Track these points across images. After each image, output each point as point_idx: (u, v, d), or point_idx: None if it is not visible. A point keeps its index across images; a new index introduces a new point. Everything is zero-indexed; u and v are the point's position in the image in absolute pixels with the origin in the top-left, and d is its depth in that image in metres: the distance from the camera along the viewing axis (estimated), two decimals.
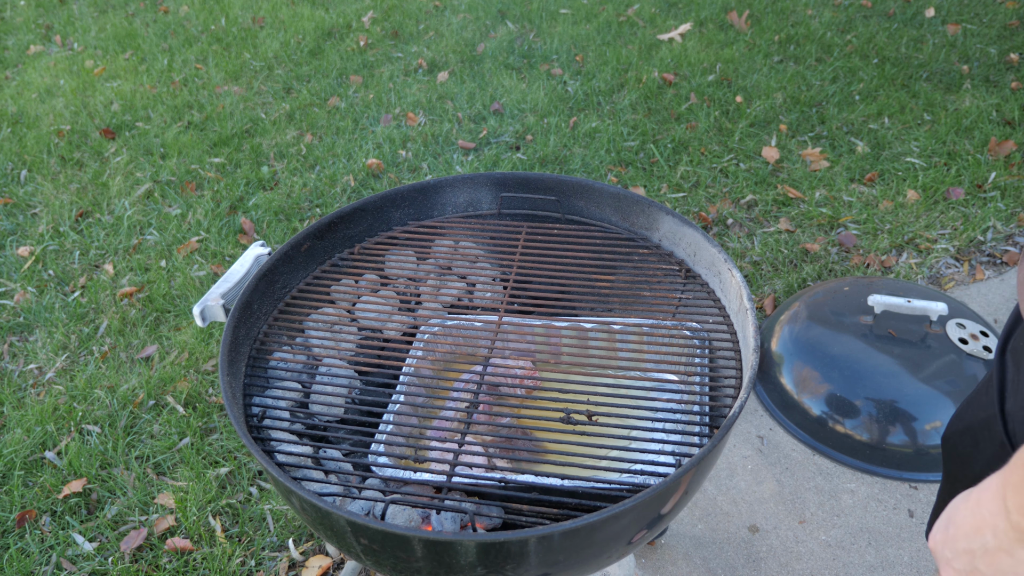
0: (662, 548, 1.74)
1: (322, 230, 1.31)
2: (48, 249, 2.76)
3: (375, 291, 1.31)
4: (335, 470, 1.06)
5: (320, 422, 1.10)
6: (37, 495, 1.90)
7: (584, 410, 1.04)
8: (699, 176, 2.86)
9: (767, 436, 1.96)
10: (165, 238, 2.74)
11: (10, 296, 2.56)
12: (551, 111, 3.32)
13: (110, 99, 3.73)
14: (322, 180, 2.99)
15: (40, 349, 2.34)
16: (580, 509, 0.94)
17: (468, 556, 0.86)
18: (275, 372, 1.18)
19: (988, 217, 2.55)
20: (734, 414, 0.92)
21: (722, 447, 0.95)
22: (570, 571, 0.95)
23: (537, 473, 1.00)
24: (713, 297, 1.21)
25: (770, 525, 1.77)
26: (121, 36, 4.39)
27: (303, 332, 1.25)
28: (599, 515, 0.83)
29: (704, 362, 1.15)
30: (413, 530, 0.85)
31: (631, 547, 0.97)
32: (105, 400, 2.13)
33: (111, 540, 1.79)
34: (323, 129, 3.36)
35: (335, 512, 0.87)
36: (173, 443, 2.00)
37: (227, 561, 1.73)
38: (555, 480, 0.97)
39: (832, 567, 1.69)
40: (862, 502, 1.80)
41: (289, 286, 1.28)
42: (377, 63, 3.89)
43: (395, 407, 1.12)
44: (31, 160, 3.28)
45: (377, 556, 0.94)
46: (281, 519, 1.82)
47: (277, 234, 2.73)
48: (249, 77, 3.85)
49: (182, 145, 3.29)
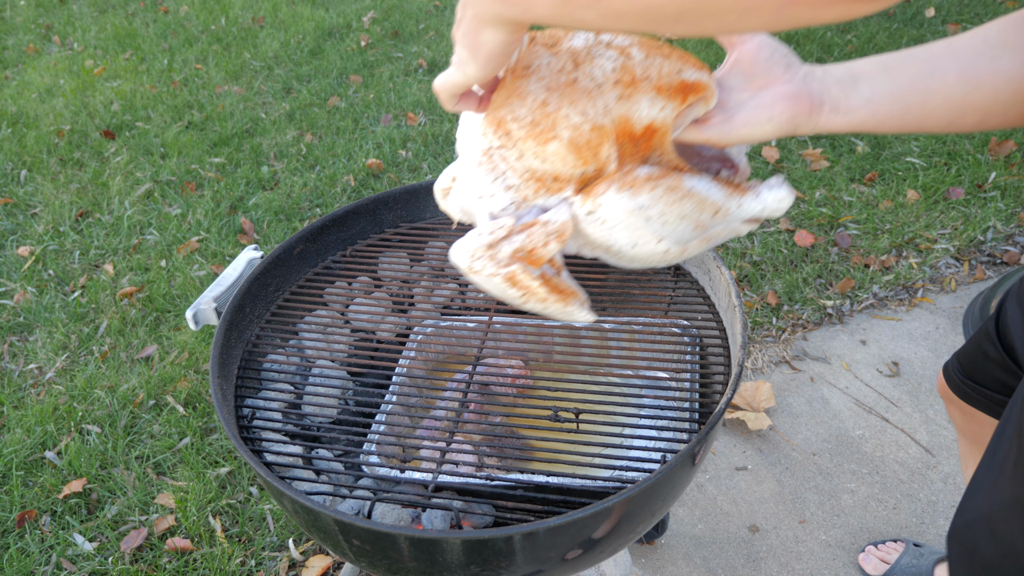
0: (662, 548, 1.74)
1: (314, 233, 1.31)
2: (48, 249, 2.77)
3: (368, 293, 1.31)
4: (326, 470, 1.06)
5: (312, 423, 1.10)
6: (37, 495, 1.91)
7: (573, 408, 1.04)
8: None
9: (767, 435, 1.96)
10: (165, 238, 2.75)
11: (10, 296, 2.57)
12: None
13: (110, 99, 3.74)
14: (322, 180, 3.00)
15: (40, 349, 2.35)
16: (567, 506, 0.94)
17: (456, 554, 0.86)
18: (268, 374, 1.18)
19: (988, 217, 2.54)
20: (720, 409, 0.92)
21: (709, 442, 0.95)
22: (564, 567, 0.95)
23: (524, 471, 1.00)
24: (703, 295, 1.21)
25: (770, 525, 1.77)
26: (121, 36, 4.40)
27: (296, 334, 1.26)
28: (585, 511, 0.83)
29: (695, 359, 1.15)
30: (400, 528, 0.85)
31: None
32: (105, 400, 2.14)
33: (111, 540, 1.80)
34: (323, 129, 3.37)
35: (324, 512, 0.87)
36: (173, 443, 2.01)
37: (227, 561, 1.73)
38: (542, 478, 0.98)
39: (832, 567, 1.69)
40: (862, 502, 1.80)
41: (282, 289, 1.28)
42: (377, 63, 3.89)
43: (387, 407, 1.12)
44: (31, 160, 3.29)
45: (370, 557, 0.94)
46: (281, 519, 1.83)
47: (277, 234, 2.74)
48: (249, 77, 3.86)
49: (182, 145, 3.30)
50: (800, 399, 2.06)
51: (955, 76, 0.74)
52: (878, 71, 0.76)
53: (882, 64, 0.77)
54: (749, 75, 0.78)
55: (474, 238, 0.79)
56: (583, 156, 0.76)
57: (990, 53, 0.73)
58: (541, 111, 0.74)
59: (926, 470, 1.86)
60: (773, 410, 2.04)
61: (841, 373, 2.12)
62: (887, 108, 0.76)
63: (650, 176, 0.76)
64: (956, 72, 0.74)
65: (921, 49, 0.76)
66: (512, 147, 0.77)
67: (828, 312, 2.29)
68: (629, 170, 0.76)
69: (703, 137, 0.79)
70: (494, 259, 0.77)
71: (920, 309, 2.30)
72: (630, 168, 0.76)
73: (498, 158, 0.78)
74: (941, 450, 1.90)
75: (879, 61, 0.77)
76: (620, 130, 0.74)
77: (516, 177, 0.78)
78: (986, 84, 0.73)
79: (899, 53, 0.77)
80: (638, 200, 0.76)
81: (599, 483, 0.96)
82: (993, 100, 0.73)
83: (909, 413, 2.00)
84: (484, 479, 0.99)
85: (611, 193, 0.76)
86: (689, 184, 0.77)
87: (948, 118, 0.76)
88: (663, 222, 0.77)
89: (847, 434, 1.96)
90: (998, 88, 0.73)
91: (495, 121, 0.77)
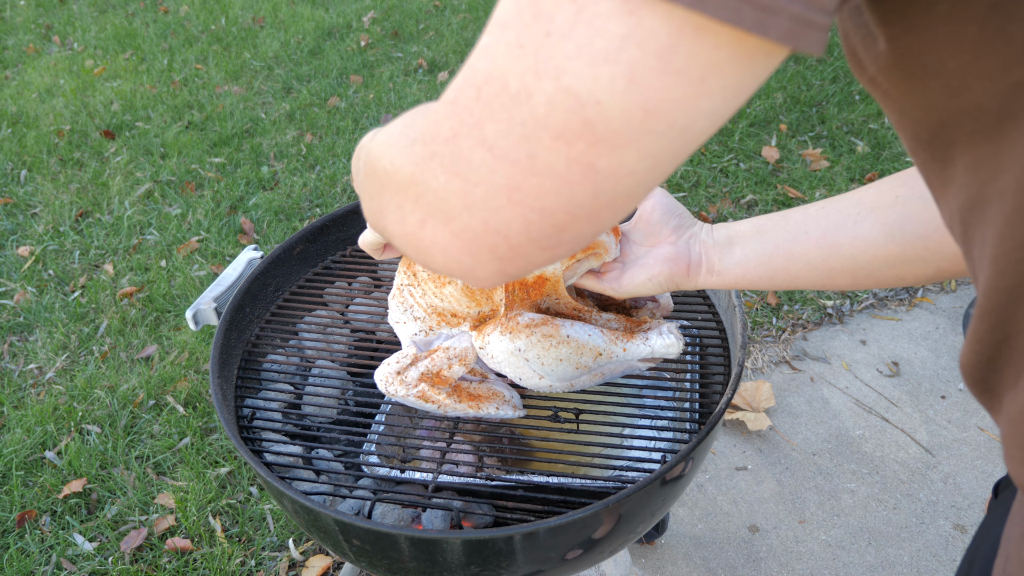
0: (662, 548, 1.74)
1: (314, 233, 1.31)
2: (48, 249, 2.77)
3: (368, 293, 1.31)
4: (326, 470, 1.06)
5: (312, 423, 1.10)
6: (37, 495, 1.91)
7: (573, 408, 1.04)
8: (699, 176, 2.85)
9: (767, 435, 1.96)
10: (165, 238, 2.75)
11: (10, 296, 2.57)
12: None
13: (110, 99, 3.74)
14: (322, 180, 3.00)
15: (40, 349, 2.35)
16: (567, 506, 0.94)
17: (456, 554, 0.86)
18: (268, 374, 1.18)
19: None
20: (720, 409, 0.92)
21: (709, 442, 0.95)
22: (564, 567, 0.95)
23: (524, 471, 1.00)
24: (703, 295, 1.21)
25: (770, 525, 1.77)
26: (121, 36, 4.40)
27: (296, 334, 1.26)
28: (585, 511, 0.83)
29: (695, 359, 1.15)
30: (400, 528, 0.85)
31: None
32: (105, 400, 2.14)
33: (111, 540, 1.80)
34: (323, 129, 3.37)
35: (324, 512, 0.87)
36: (173, 443, 2.01)
37: (227, 561, 1.73)
38: (542, 478, 0.98)
39: (832, 567, 1.69)
40: (862, 502, 1.80)
41: (282, 289, 1.28)
42: (377, 63, 3.89)
43: (387, 407, 1.12)
44: (31, 160, 3.29)
45: (370, 557, 0.94)
46: (281, 519, 1.83)
47: (277, 234, 2.74)
48: (249, 77, 3.86)
49: (182, 145, 3.30)
50: (800, 399, 2.06)
51: (815, 241, 0.76)
52: (752, 234, 0.81)
53: (756, 226, 0.81)
54: (646, 232, 0.87)
55: (384, 367, 0.95)
56: (476, 299, 0.93)
57: (855, 217, 0.74)
58: None
59: (926, 470, 1.86)
60: (773, 410, 2.04)
61: (841, 373, 2.12)
62: (755, 270, 0.80)
63: (530, 323, 0.89)
64: (817, 237, 0.76)
65: (797, 211, 0.79)
66: (417, 286, 0.94)
67: (828, 312, 2.29)
68: (514, 315, 0.90)
69: (599, 288, 0.90)
70: (404, 383, 0.93)
71: (920, 309, 2.30)
72: (515, 313, 0.91)
73: (407, 294, 0.96)
74: (941, 450, 1.90)
75: (755, 223, 0.81)
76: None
77: (421, 311, 0.95)
78: (843, 249, 0.74)
79: (776, 215, 0.80)
80: (516, 344, 0.89)
81: (599, 483, 0.96)
82: (853, 265, 0.74)
83: (909, 413, 2.00)
84: (484, 479, 0.99)
85: (496, 335, 0.90)
86: (567, 331, 0.90)
87: (816, 279, 0.78)
88: (541, 363, 0.90)
89: (847, 434, 1.96)
90: (855, 254, 0.74)
91: (406, 262, 0.96)
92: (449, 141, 0.39)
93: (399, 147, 0.45)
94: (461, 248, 0.41)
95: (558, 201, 0.37)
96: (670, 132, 0.35)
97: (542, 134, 0.35)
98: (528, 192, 0.37)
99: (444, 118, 0.39)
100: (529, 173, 0.37)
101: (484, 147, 0.37)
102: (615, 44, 0.33)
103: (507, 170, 0.37)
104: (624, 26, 0.33)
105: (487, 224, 0.39)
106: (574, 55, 0.34)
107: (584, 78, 0.34)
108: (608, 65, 0.33)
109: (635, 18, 0.32)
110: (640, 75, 0.33)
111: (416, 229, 0.43)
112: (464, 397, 0.95)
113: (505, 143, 0.37)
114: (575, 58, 0.34)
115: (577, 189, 0.37)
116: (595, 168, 0.36)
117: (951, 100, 0.39)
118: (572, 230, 0.39)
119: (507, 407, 0.97)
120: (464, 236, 0.40)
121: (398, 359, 0.95)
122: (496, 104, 0.36)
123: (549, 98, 0.35)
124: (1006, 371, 0.45)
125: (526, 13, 0.35)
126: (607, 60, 0.33)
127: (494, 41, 0.36)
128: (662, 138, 0.35)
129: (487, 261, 0.41)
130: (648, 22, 0.32)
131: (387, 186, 0.46)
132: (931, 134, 0.43)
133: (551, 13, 0.34)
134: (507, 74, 0.36)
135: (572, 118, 0.35)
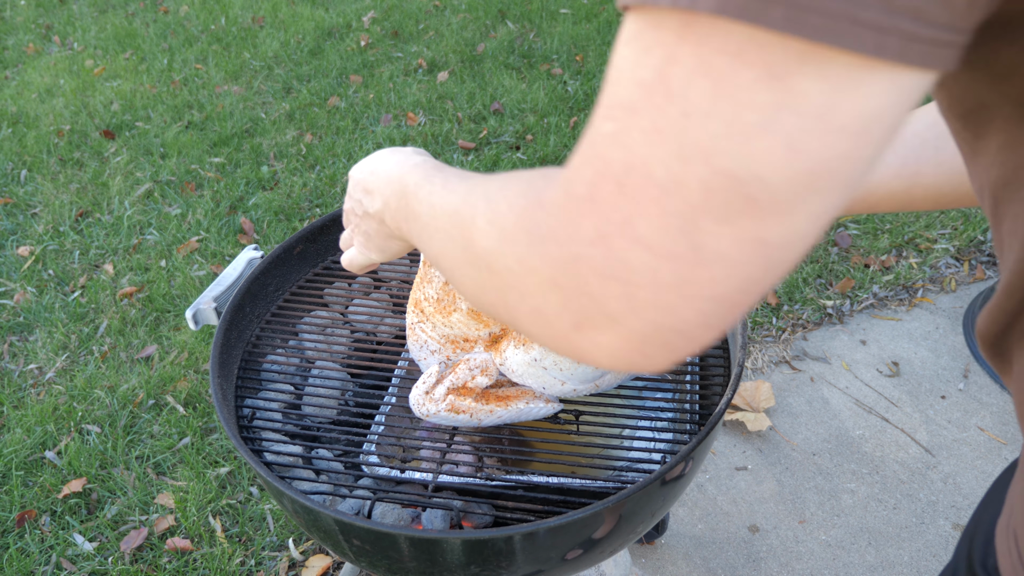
0: (662, 548, 1.74)
1: (314, 233, 1.31)
2: (48, 249, 2.77)
3: (368, 293, 1.31)
4: (326, 470, 1.06)
5: (312, 423, 1.10)
6: (37, 495, 1.91)
7: (573, 409, 1.04)
8: None
9: (767, 435, 1.96)
10: (165, 238, 2.75)
11: (10, 296, 2.57)
12: (551, 111, 3.32)
13: (110, 99, 3.74)
14: (322, 180, 3.00)
15: (40, 349, 2.35)
16: (567, 506, 0.94)
17: (456, 554, 0.86)
18: (267, 374, 1.18)
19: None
20: (720, 409, 0.92)
21: (709, 442, 0.95)
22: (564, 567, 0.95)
23: (524, 471, 1.01)
24: None
25: (770, 525, 1.77)
26: (121, 36, 4.40)
27: (296, 334, 1.26)
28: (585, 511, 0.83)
29: (695, 359, 1.15)
30: (400, 528, 0.85)
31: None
32: (105, 400, 2.14)
33: (111, 540, 1.80)
34: (323, 129, 3.37)
35: (324, 511, 0.87)
36: (173, 443, 2.01)
37: (227, 561, 1.73)
38: (542, 478, 0.98)
39: (832, 567, 1.69)
40: (862, 502, 1.80)
41: (282, 289, 1.28)
42: (377, 63, 3.89)
43: (387, 408, 1.12)
44: (31, 160, 3.29)
45: (370, 557, 0.94)
46: (281, 519, 1.83)
47: (277, 234, 2.74)
48: (249, 77, 3.86)
49: (182, 145, 3.30)
50: (800, 399, 2.06)
51: (895, 171, 0.75)
52: None
53: None
54: None
55: (414, 391, 0.98)
56: (483, 320, 0.97)
57: (935, 142, 0.73)
58: (444, 290, 0.98)
59: (926, 470, 1.86)
60: (773, 410, 2.04)
61: (841, 373, 2.12)
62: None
63: None
64: (897, 166, 0.75)
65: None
66: (426, 321, 1.00)
67: (828, 312, 2.29)
68: None
69: None
70: (433, 400, 0.96)
71: (920, 309, 2.30)
72: None
73: (419, 331, 1.01)
74: (941, 450, 1.90)
75: None
76: None
77: (435, 344, 1.00)
78: (926, 179, 0.74)
79: None
80: (531, 354, 0.92)
81: (599, 483, 0.96)
82: (936, 193, 0.74)
83: (909, 413, 2.00)
84: (484, 479, 0.99)
85: (511, 348, 0.94)
86: None
87: (898, 206, 0.77)
88: (559, 368, 0.93)
89: (847, 434, 1.96)
90: (938, 182, 0.74)
91: (413, 302, 1.01)
92: (596, 243, 0.36)
93: (525, 245, 0.41)
94: (631, 350, 0.38)
95: (732, 284, 0.35)
96: (837, 186, 0.33)
97: (702, 221, 0.33)
98: (699, 284, 0.35)
99: (582, 217, 0.36)
100: (696, 264, 0.34)
101: (641, 247, 0.34)
102: (767, 115, 0.31)
103: (671, 267, 0.34)
104: (773, 94, 0.30)
105: (658, 324, 0.36)
106: (722, 134, 0.31)
107: (739, 156, 0.31)
108: (763, 138, 0.31)
109: (783, 83, 0.30)
110: (800, 141, 0.31)
111: (570, 332, 0.40)
112: (492, 399, 0.97)
113: (663, 239, 0.34)
114: (724, 137, 0.31)
115: (750, 267, 0.34)
116: (765, 242, 0.34)
117: (997, 84, 0.39)
118: (746, 304, 0.37)
119: (538, 402, 0.98)
120: (633, 339, 0.37)
121: (424, 380, 0.98)
122: (644, 197, 0.33)
123: (703, 183, 0.32)
124: (1022, 338, 0.46)
125: (656, 94, 0.32)
126: (761, 133, 0.31)
127: (624, 128, 0.33)
128: (829, 193, 0.33)
129: (660, 356, 0.38)
130: (799, 85, 0.30)
131: (515, 287, 0.42)
132: (967, 110, 0.42)
133: (684, 92, 0.31)
134: (649, 163, 0.33)
135: (732, 198, 0.32)
